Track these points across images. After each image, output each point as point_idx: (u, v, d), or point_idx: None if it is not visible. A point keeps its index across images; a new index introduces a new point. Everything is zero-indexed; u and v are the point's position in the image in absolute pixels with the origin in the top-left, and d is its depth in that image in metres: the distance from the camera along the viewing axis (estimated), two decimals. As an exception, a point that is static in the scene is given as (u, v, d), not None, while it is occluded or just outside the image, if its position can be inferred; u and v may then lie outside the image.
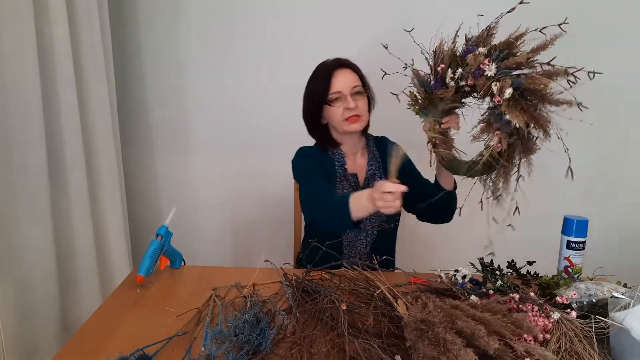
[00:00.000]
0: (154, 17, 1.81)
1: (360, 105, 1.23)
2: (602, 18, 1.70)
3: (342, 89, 1.21)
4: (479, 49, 0.93)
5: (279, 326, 0.86)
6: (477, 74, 0.93)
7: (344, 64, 1.25)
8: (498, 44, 0.94)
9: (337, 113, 1.23)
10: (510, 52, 0.92)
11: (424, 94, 1.05)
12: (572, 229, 1.07)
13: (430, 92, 1.03)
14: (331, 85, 1.22)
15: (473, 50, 0.94)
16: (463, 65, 0.96)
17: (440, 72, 0.99)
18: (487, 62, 0.91)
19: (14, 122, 1.25)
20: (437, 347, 0.67)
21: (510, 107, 0.89)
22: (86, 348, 0.84)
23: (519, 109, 0.89)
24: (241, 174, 1.93)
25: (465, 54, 0.95)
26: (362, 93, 1.24)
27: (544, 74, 0.88)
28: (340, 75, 1.23)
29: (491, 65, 0.91)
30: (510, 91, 0.87)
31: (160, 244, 1.13)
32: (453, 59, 0.98)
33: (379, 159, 1.36)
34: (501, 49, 0.92)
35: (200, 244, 1.98)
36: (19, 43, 1.25)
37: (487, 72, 0.91)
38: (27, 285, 1.31)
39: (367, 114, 1.28)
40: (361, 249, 1.33)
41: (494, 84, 0.90)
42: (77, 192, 1.48)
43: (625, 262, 1.84)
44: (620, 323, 0.73)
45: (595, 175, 1.82)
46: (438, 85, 1.01)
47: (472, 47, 0.95)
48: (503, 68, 0.90)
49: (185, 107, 1.90)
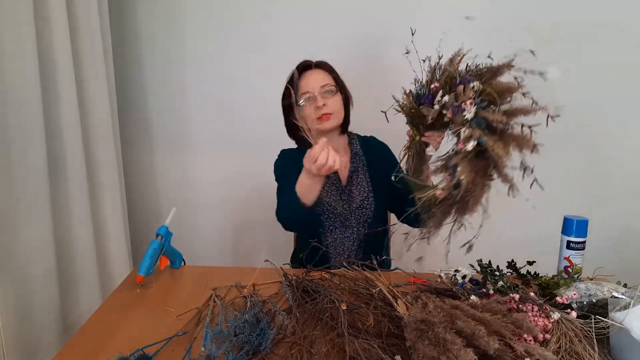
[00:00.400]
0: (154, 18, 1.81)
1: (331, 104, 1.25)
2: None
3: (310, 89, 1.25)
4: (473, 84, 0.87)
5: (279, 326, 0.86)
6: (456, 111, 0.87)
7: (315, 65, 1.30)
8: (490, 90, 0.87)
9: (308, 113, 1.26)
10: (497, 101, 0.86)
11: (412, 103, 1.01)
12: (572, 229, 1.07)
13: (418, 104, 0.99)
14: (300, 86, 1.26)
15: (468, 82, 0.88)
16: (451, 93, 0.90)
17: (432, 89, 0.94)
18: (469, 102, 0.85)
19: (14, 122, 1.25)
20: (437, 347, 0.67)
21: (465, 160, 0.84)
22: (86, 348, 0.84)
23: (472, 166, 0.84)
24: (241, 174, 1.93)
25: (460, 82, 0.90)
26: (334, 92, 1.27)
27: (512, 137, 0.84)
28: (309, 75, 1.27)
29: (471, 108, 0.85)
30: (472, 144, 0.82)
31: (160, 244, 1.13)
32: (448, 81, 0.93)
33: (363, 157, 1.37)
34: (490, 99, 0.86)
35: (200, 244, 1.98)
36: (19, 43, 1.25)
37: (465, 113, 0.85)
38: (27, 285, 1.31)
39: (341, 112, 1.30)
40: (349, 246, 1.34)
41: (464, 129, 0.84)
42: (77, 192, 1.48)
43: (625, 262, 1.84)
44: (620, 323, 0.73)
45: (595, 175, 1.82)
46: (427, 102, 0.96)
47: (469, 78, 0.89)
48: (480, 116, 0.84)
49: (185, 107, 1.90)
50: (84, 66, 1.53)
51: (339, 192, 1.33)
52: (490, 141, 0.82)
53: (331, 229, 1.33)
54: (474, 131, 0.83)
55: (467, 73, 0.92)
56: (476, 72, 0.92)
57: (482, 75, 0.90)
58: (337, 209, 1.31)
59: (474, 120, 0.84)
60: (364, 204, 1.32)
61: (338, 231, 1.33)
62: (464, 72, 0.93)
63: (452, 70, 0.93)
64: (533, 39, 1.72)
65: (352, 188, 1.33)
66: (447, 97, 0.90)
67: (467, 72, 0.93)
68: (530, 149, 0.82)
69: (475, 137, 0.83)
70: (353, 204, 1.32)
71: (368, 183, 1.34)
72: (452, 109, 0.88)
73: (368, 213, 1.33)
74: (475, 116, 0.85)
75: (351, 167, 1.35)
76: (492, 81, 0.89)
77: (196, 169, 1.96)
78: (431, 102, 0.94)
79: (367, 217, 1.33)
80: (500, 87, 0.87)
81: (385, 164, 1.37)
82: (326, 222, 1.32)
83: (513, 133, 0.84)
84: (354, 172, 1.34)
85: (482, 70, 0.92)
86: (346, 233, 1.33)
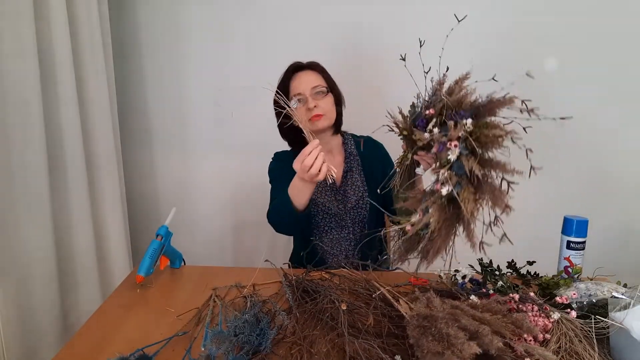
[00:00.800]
0: (154, 18, 1.81)
1: (322, 104, 1.26)
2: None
3: (302, 90, 1.26)
4: (465, 121, 0.83)
5: (279, 326, 0.86)
6: (441, 148, 0.85)
7: (304, 66, 1.30)
8: (479, 133, 0.83)
9: (300, 114, 1.26)
10: (481, 149, 0.83)
11: (406, 122, 0.98)
12: (572, 229, 1.07)
13: (413, 124, 0.96)
14: (291, 88, 1.27)
15: (461, 117, 0.84)
16: (442, 126, 0.87)
17: (427, 115, 0.91)
18: (455, 144, 0.82)
19: (14, 122, 1.25)
20: (441, 342, 0.67)
21: (437, 204, 0.83)
22: (86, 348, 0.84)
23: (442, 212, 0.83)
24: (241, 174, 1.93)
25: (453, 116, 0.86)
26: (325, 92, 1.27)
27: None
28: (299, 77, 1.28)
29: (455, 150, 0.82)
30: (447, 190, 0.81)
31: (160, 244, 1.13)
32: (443, 112, 0.89)
33: (357, 157, 1.37)
34: (476, 144, 0.82)
35: (200, 244, 1.98)
36: (19, 43, 1.25)
37: (450, 154, 0.82)
38: (27, 285, 1.31)
39: (333, 112, 1.30)
40: (345, 246, 1.34)
41: (443, 170, 0.82)
42: (77, 192, 1.48)
43: (625, 262, 1.84)
44: (620, 323, 0.73)
45: (595, 175, 1.82)
46: (420, 125, 0.93)
47: (463, 113, 0.85)
48: (461, 161, 0.81)
49: (185, 107, 1.90)
50: (84, 66, 1.52)
51: (333, 192, 1.33)
52: (464, 192, 0.81)
53: (327, 229, 1.33)
54: (452, 176, 0.82)
55: (462, 105, 0.88)
56: (472, 105, 0.87)
57: (477, 109, 0.86)
58: (331, 209, 1.31)
59: (455, 163, 0.82)
60: (359, 203, 1.32)
61: (334, 231, 1.33)
62: (463, 100, 0.88)
63: (449, 100, 0.88)
64: (532, 38, 1.72)
65: (346, 188, 1.33)
66: (436, 129, 0.88)
67: (462, 103, 0.88)
68: (502, 209, 0.81)
69: (452, 183, 0.81)
70: (348, 204, 1.32)
71: (363, 183, 1.34)
72: (438, 144, 0.86)
73: (364, 213, 1.33)
74: (458, 159, 0.82)
75: (345, 167, 1.35)
76: (485, 119, 0.85)
77: (196, 169, 1.96)
78: (424, 127, 0.92)
79: (363, 217, 1.33)
80: (491, 131, 0.82)
81: (380, 164, 1.37)
82: (321, 223, 1.33)
83: (491, 185, 0.82)
84: (348, 172, 1.34)
85: (479, 104, 0.87)
86: (342, 233, 1.33)
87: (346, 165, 1.35)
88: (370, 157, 1.38)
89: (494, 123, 0.84)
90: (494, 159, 0.84)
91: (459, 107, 0.87)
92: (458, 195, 0.81)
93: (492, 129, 0.83)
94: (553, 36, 1.71)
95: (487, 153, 0.84)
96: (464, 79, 0.91)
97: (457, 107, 0.87)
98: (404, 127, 0.97)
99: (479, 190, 0.82)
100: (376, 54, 1.78)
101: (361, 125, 1.44)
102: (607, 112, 1.75)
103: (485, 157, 0.84)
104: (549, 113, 0.79)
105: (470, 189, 0.82)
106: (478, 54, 1.73)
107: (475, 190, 0.82)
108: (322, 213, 1.31)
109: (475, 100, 0.88)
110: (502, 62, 1.73)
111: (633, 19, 1.69)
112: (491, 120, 0.85)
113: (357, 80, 1.54)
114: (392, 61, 1.62)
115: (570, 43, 1.71)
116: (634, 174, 1.83)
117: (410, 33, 1.63)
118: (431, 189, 0.87)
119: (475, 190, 0.82)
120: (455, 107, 0.87)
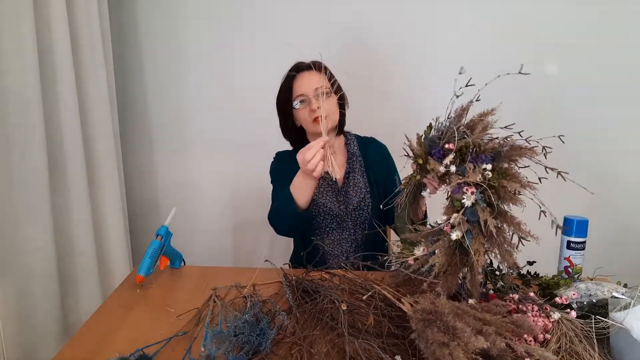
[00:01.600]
0: (154, 18, 1.81)
1: (326, 106, 1.23)
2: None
3: (305, 92, 1.24)
4: (485, 166, 0.81)
5: (279, 326, 0.85)
6: (457, 190, 0.82)
7: (308, 66, 1.28)
8: (497, 184, 0.81)
9: (303, 115, 1.25)
10: (498, 203, 0.81)
11: (421, 147, 0.95)
12: (572, 229, 1.07)
13: (427, 152, 0.93)
14: (294, 89, 1.26)
15: (481, 161, 0.82)
16: (461, 166, 0.85)
17: (445, 148, 0.88)
18: (472, 190, 0.80)
19: (14, 122, 1.25)
20: (447, 334, 0.66)
21: (445, 248, 0.82)
22: (86, 348, 0.84)
23: (449, 257, 0.82)
24: (241, 174, 1.93)
25: (474, 159, 0.83)
26: (328, 94, 1.25)
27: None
28: (302, 78, 1.26)
29: (471, 197, 0.80)
30: (457, 235, 0.80)
31: (160, 244, 1.13)
32: (462, 149, 0.86)
33: (360, 157, 1.36)
34: (494, 196, 0.80)
35: (200, 244, 1.98)
36: (19, 43, 1.25)
37: (465, 199, 0.81)
38: (27, 285, 1.31)
39: (336, 113, 1.28)
40: (346, 247, 1.33)
41: (456, 215, 0.81)
42: (77, 192, 1.48)
43: (625, 262, 1.84)
44: (620, 323, 0.73)
45: (595, 176, 1.82)
46: (436, 155, 0.90)
47: (483, 157, 0.82)
48: (476, 209, 0.79)
49: (185, 107, 1.90)
50: (84, 66, 1.53)
51: (335, 193, 1.32)
52: (475, 243, 0.79)
53: (327, 230, 1.32)
54: (464, 222, 0.80)
55: (483, 148, 0.85)
56: (492, 149, 0.85)
57: (498, 153, 0.84)
58: (333, 210, 1.30)
59: (469, 210, 0.80)
60: (361, 205, 1.31)
61: (335, 232, 1.32)
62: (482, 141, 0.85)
63: (470, 140, 0.85)
64: (533, 38, 1.72)
65: (348, 189, 1.32)
66: (454, 167, 0.85)
67: (483, 147, 0.85)
68: (510, 265, 0.81)
69: (463, 229, 0.80)
70: (350, 205, 1.31)
71: (366, 184, 1.33)
72: (454, 184, 0.83)
73: (365, 215, 1.32)
74: (472, 207, 0.80)
75: (347, 167, 1.34)
76: (506, 165, 0.83)
77: (196, 169, 1.96)
78: (440, 158, 0.89)
79: (365, 219, 1.32)
80: (510, 183, 0.81)
81: (383, 166, 1.37)
82: (322, 224, 1.32)
83: (503, 238, 0.81)
84: (350, 173, 1.33)
85: (500, 149, 0.84)
86: (343, 235, 1.32)
87: (348, 166, 1.34)
88: (373, 158, 1.37)
89: (514, 173, 0.84)
90: (509, 212, 0.83)
91: (479, 148, 0.85)
92: (469, 246, 0.80)
93: (511, 179, 0.82)
94: (553, 36, 1.71)
95: (503, 205, 0.83)
96: (487, 114, 0.88)
97: (478, 148, 0.85)
98: (420, 155, 0.94)
99: (490, 241, 0.81)
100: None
101: (363, 126, 1.44)
102: (607, 112, 1.75)
103: (501, 209, 0.83)
104: (549, 112, 0.80)
105: (481, 240, 0.80)
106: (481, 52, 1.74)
107: (486, 241, 0.81)
108: (324, 214, 1.31)
109: (495, 140, 0.85)
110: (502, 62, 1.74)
111: (633, 19, 1.69)
112: (511, 169, 0.84)
113: (360, 81, 1.54)
114: (395, 62, 1.63)
115: (570, 43, 1.71)
116: (634, 174, 1.83)
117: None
118: (440, 227, 0.85)
119: (486, 241, 0.81)
120: (475, 147, 0.85)
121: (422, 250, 0.88)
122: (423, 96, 1.75)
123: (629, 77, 1.73)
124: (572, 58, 1.72)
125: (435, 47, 1.74)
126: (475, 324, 0.69)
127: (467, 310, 0.75)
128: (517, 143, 0.86)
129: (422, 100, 1.73)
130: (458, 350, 0.63)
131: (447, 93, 0.91)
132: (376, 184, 1.34)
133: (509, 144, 0.85)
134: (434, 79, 1.73)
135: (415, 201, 1.03)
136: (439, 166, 0.88)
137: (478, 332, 0.67)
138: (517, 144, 0.85)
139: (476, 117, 0.90)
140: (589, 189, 1.54)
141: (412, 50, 1.73)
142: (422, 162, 0.93)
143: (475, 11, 1.72)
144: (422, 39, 1.72)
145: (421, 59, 1.74)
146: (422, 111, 1.76)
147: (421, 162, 0.93)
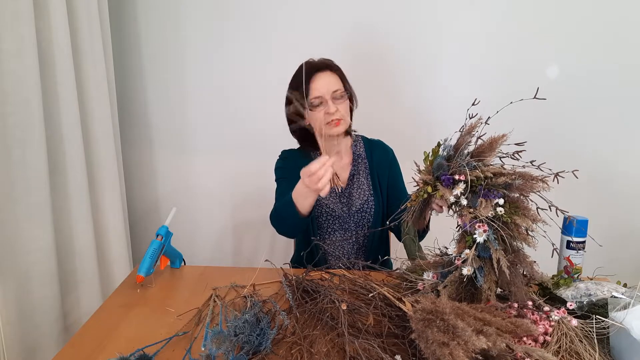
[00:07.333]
0: (154, 18, 1.81)
1: (341, 109, 1.22)
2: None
3: (323, 94, 1.20)
4: (497, 201, 0.79)
5: (279, 326, 0.86)
6: (467, 225, 0.80)
7: (325, 66, 1.24)
8: (509, 220, 0.79)
9: (318, 117, 1.21)
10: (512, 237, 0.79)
11: (430, 174, 0.92)
12: (572, 229, 1.06)
13: (436, 176, 0.90)
14: (311, 89, 1.20)
15: (493, 197, 0.80)
16: (472, 199, 0.82)
17: (455, 178, 0.86)
18: (484, 228, 0.78)
19: (14, 121, 1.25)
20: (447, 333, 0.66)
21: (455, 283, 0.81)
22: (86, 348, 0.84)
23: (458, 292, 0.82)
24: (241, 174, 1.93)
25: (485, 193, 0.80)
26: (344, 97, 1.23)
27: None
28: (320, 79, 1.21)
29: (483, 234, 0.78)
30: (467, 270, 0.79)
31: (161, 244, 1.13)
32: (474, 181, 0.84)
33: (365, 159, 1.35)
34: (505, 234, 0.78)
35: (200, 244, 1.98)
36: (19, 43, 1.25)
37: (476, 236, 0.79)
38: (27, 285, 1.31)
39: (349, 116, 1.27)
40: (348, 249, 1.33)
41: (468, 250, 0.80)
42: (77, 192, 1.48)
43: (625, 262, 1.84)
44: (620, 323, 0.73)
45: (595, 175, 1.82)
46: (445, 182, 0.87)
47: (495, 193, 0.80)
48: (488, 247, 0.78)
49: (185, 107, 1.90)
50: (84, 66, 1.53)
51: (338, 194, 1.32)
52: (487, 281, 0.79)
53: (330, 231, 1.32)
54: (475, 259, 0.79)
55: (494, 181, 0.82)
56: (504, 182, 0.83)
57: (510, 186, 0.82)
58: (335, 212, 1.30)
59: (480, 246, 0.79)
60: (364, 207, 1.30)
61: (337, 234, 1.32)
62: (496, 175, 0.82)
63: (481, 172, 0.83)
64: (533, 37, 1.72)
65: (352, 191, 1.31)
66: (464, 200, 0.83)
67: (495, 180, 0.83)
68: (519, 302, 0.82)
69: (475, 266, 0.79)
70: (353, 207, 1.30)
71: (369, 187, 1.32)
72: (465, 218, 0.81)
73: (368, 217, 1.31)
74: (485, 243, 0.78)
75: (352, 169, 1.33)
76: (517, 194, 0.81)
77: (196, 169, 1.96)
78: (449, 184, 0.87)
79: (367, 221, 1.31)
80: (523, 220, 0.79)
81: (388, 169, 1.35)
82: (325, 224, 1.31)
83: (513, 277, 0.81)
84: (354, 175, 1.32)
85: (512, 182, 0.83)
86: (345, 236, 1.32)
87: (353, 168, 1.33)
88: (378, 161, 1.35)
89: (526, 206, 0.82)
90: (521, 249, 0.82)
91: (490, 180, 0.84)
92: (481, 286, 0.80)
93: (523, 213, 0.80)
94: (553, 36, 1.71)
95: (515, 243, 0.82)
96: (499, 140, 0.86)
97: (489, 180, 0.83)
98: (430, 183, 0.92)
99: (500, 278, 0.81)
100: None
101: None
102: (607, 112, 1.75)
103: (514, 247, 0.82)
104: (549, 113, 0.80)
105: (493, 278, 0.80)
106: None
107: (498, 279, 0.81)
108: (326, 215, 1.30)
109: (506, 174, 0.84)
110: (503, 61, 1.73)
111: (634, 19, 1.69)
112: (522, 202, 0.83)
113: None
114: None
115: (570, 43, 1.71)
116: (634, 174, 1.83)
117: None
118: (450, 259, 0.84)
119: (497, 279, 0.81)
120: (486, 178, 0.83)
121: (431, 276, 0.88)
122: (433, 96, 1.75)
123: (629, 77, 1.73)
124: (572, 58, 1.72)
125: (442, 49, 1.74)
126: (475, 324, 0.69)
127: (468, 310, 0.75)
128: (527, 172, 0.83)
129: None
130: (458, 350, 0.63)
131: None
132: (380, 187, 1.33)
133: (519, 175, 0.83)
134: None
135: (421, 216, 1.02)
136: (448, 194, 0.85)
137: (479, 332, 0.67)
138: (528, 173, 0.83)
139: (486, 143, 0.88)
140: (589, 189, 1.55)
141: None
142: (431, 191, 0.90)
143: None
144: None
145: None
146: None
147: (430, 190, 0.90)
